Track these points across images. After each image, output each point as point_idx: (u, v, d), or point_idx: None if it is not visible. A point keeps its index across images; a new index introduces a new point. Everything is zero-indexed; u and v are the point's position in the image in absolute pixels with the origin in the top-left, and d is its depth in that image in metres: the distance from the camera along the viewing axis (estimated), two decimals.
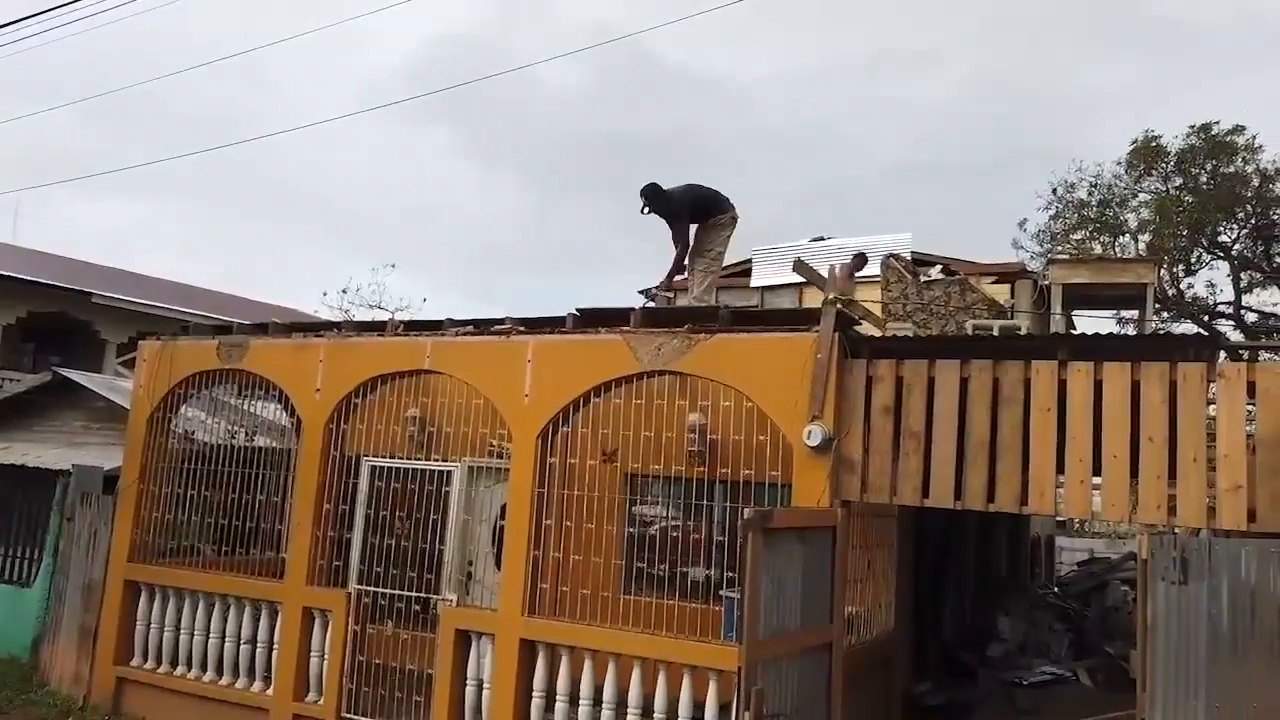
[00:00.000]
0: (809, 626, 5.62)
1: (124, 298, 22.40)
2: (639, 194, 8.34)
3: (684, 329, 6.71)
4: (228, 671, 8.17)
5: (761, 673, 4.94)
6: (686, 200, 8.44)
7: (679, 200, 8.40)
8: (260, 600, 8.10)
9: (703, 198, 8.55)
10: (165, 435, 9.03)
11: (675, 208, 8.36)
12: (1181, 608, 4.87)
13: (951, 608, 11.35)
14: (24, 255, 24.23)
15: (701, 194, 8.56)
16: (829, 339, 6.22)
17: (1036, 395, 5.82)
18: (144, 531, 8.85)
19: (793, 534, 5.50)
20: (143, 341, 9.48)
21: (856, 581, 6.80)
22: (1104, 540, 23.25)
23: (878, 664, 7.42)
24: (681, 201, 8.40)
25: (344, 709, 7.46)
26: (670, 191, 8.42)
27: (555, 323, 7.33)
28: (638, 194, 8.33)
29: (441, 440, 7.75)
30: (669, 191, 8.41)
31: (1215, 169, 25.72)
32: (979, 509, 5.97)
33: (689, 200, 8.46)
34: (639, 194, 8.34)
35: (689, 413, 7.13)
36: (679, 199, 8.40)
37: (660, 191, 8.36)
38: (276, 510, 8.34)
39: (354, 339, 8.23)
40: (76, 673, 8.99)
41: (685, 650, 6.27)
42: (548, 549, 6.96)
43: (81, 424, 12.33)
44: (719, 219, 8.62)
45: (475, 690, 6.95)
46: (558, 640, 6.71)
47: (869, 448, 6.22)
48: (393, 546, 7.50)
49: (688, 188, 8.56)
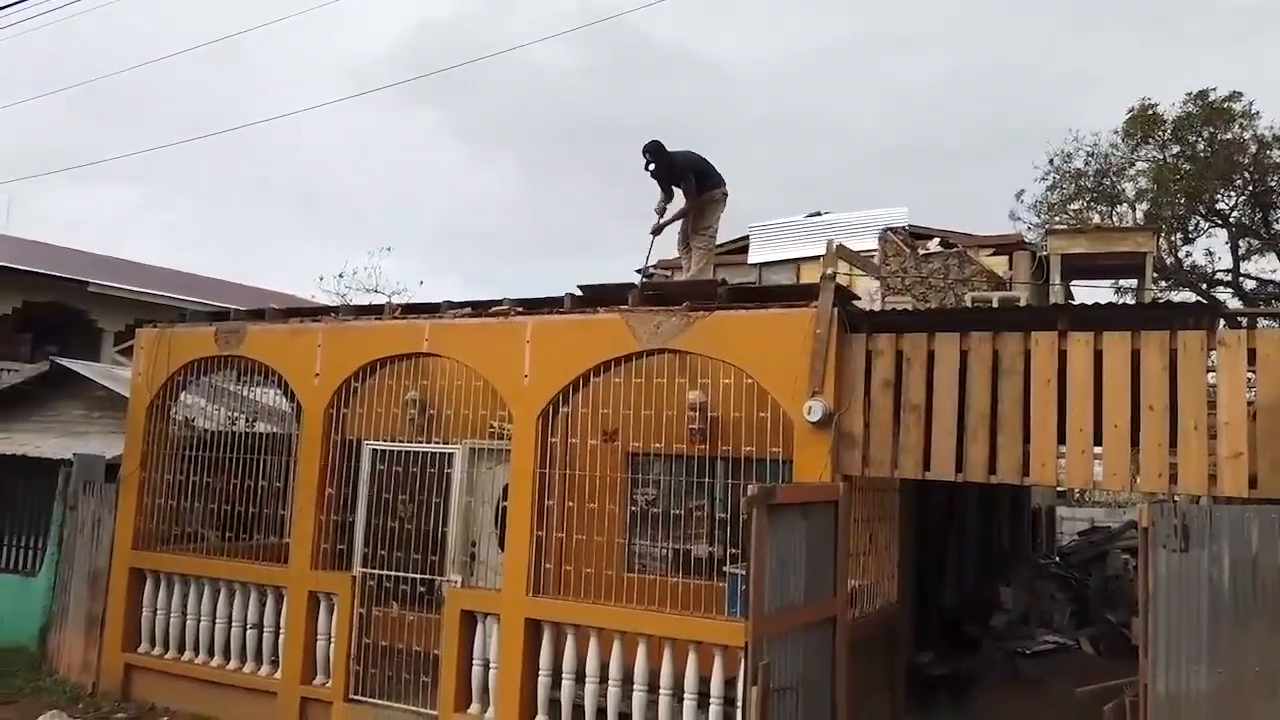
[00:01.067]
0: (813, 601, 5.65)
1: (120, 286, 22.30)
2: (642, 151, 8.41)
3: (682, 307, 6.70)
4: (235, 656, 8.22)
5: (767, 647, 4.96)
6: (689, 164, 8.51)
7: (683, 161, 8.49)
8: (265, 585, 8.14)
9: (703, 169, 8.60)
10: (165, 423, 9.03)
11: (680, 167, 8.45)
12: (1183, 575, 4.89)
13: (954, 579, 11.41)
14: (18, 245, 24.12)
15: (702, 165, 8.60)
16: (828, 314, 6.21)
17: (1036, 366, 5.82)
18: (147, 519, 8.87)
19: (795, 509, 5.51)
20: (140, 329, 9.46)
21: (859, 555, 6.83)
22: (1104, 509, 23.34)
23: (881, 636, 7.46)
24: (686, 163, 8.49)
25: (351, 691, 7.51)
26: (675, 154, 8.49)
27: (553, 303, 7.31)
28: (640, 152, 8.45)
29: (442, 423, 7.75)
30: (673, 154, 8.49)
31: (1212, 136, 25.59)
32: (980, 481, 5.99)
33: (691, 165, 8.52)
34: (642, 151, 8.41)
35: (689, 390, 7.12)
36: (682, 160, 8.49)
37: (663, 149, 8.43)
38: (279, 495, 8.35)
39: (351, 323, 8.21)
40: (84, 660, 9.04)
41: (690, 626, 6.30)
42: (550, 529, 6.98)
43: (81, 413, 12.33)
44: (714, 194, 8.63)
45: (482, 670, 7.00)
46: (562, 619, 6.75)
47: (870, 422, 6.22)
48: (396, 529, 7.52)
49: (690, 153, 8.62)
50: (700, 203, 8.55)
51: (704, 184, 8.57)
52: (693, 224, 8.60)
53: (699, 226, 8.60)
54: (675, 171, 8.45)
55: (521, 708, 6.73)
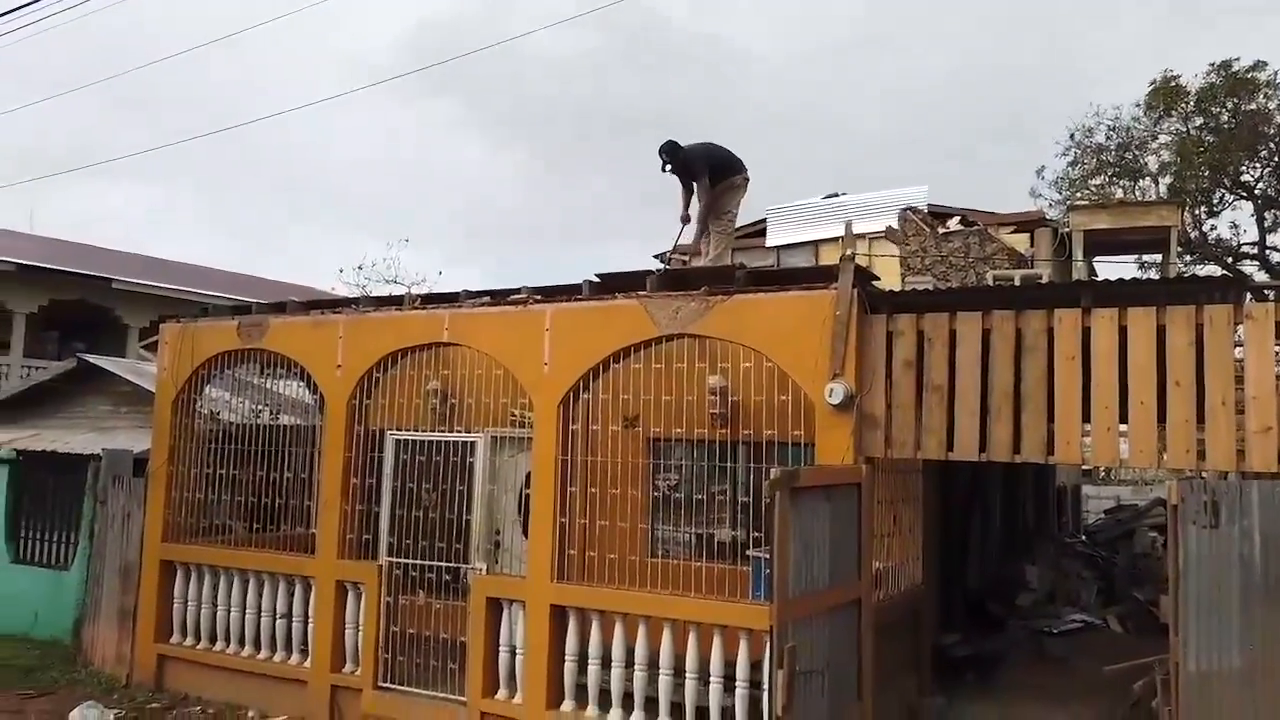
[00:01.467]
0: (837, 583, 5.64)
1: (143, 282, 22.54)
2: (658, 152, 8.33)
3: (701, 291, 6.68)
4: (265, 645, 8.32)
5: (792, 630, 4.96)
6: (705, 158, 8.42)
7: (698, 157, 8.40)
8: (294, 575, 8.22)
9: (720, 157, 8.53)
10: (191, 417, 9.12)
11: (695, 165, 8.35)
12: (1213, 551, 4.84)
13: (979, 559, 11.36)
14: (42, 244, 24.39)
15: (718, 153, 8.54)
16: (848, 295, 6.17)
17: (1060, 344, 5.76)
18: (176, 512, 8.98)
19: (819, 492, 5.49)
20: (164, 324, 9.54)
21: (883, 537, 6.80)
22: (1131, 487, 23.16)
23: (907, 618, 7.45)
24: (701, 159, 8.40)
25: (381, 678, 7.59)
26: (688, 149, 8.41)
27: (571, 290, 7.31)
28: (656, 153, 8.33)
29: (464, 411, 7.79)
30: (687, 149, 8.39)
31: (1236, 107, 25.18)
32: (1004, 460, 5.95)
33: (708, 158, 8.44)
34: (658, 152, 8.33)
35: (709, 375, 7.11)
36: (698, 156, 8.40)
37: (678, 149, 8.34)
38: (305, 486, 8.42)
39: (372, 314, 8.24)
40: (118, 652, 9.18)
41: (715, 610, 6.32)
42: (573, 515, 7.00)
43: (108, 408, 12.48)
44: (733, 180, 8.58)
45: (509, 656, 7.04)
46: (587, 605, 6.78)
47: (892, 403, 6.19)
48: (421, 518, 7.57)
49: (705, 146, 8.54)
50: (719, 190, 8.50)
51: (722, 173, 8.52)
52: (712, 210, 8.56)
53: (718, 211, 8.56)
54: (691, 167, 8.40)
55: (548, 693, 6.77)
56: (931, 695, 7.73)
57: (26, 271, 20.34)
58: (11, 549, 10.88)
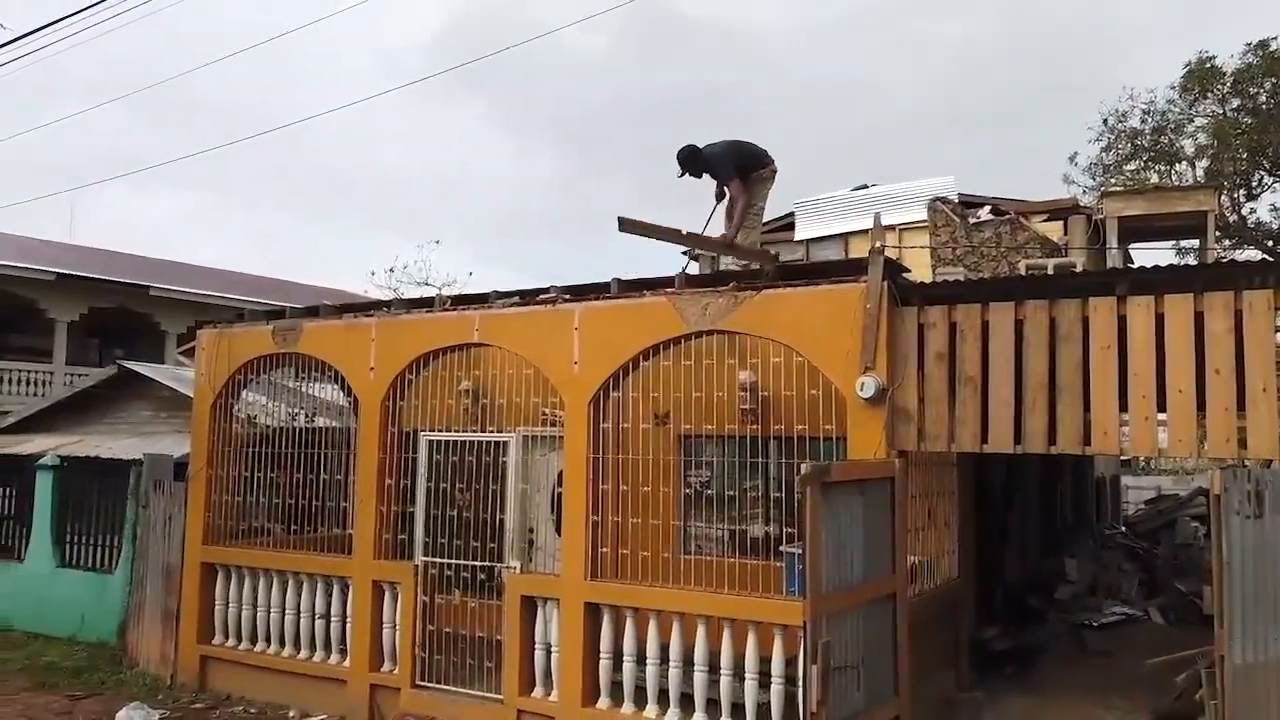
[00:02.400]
0: (872, 578, 5.61)
1: (180, 289, 22.94)
2: (675, 159, 8.27)
3: (729, 287, 6.67)
4: (305, 646, 8.43)
5: (826, 626, 4.95)
6: (731, 155, 8.37)
7: (723, 156, 8.33)
8: (331, 575, 8.32)
9: (745, 153, 8.45)
10: (229, 421, 9.25)
11: (721, 169, 8.30)
12: (1258, 541, 4.75)
13: (1016, 552, 11.24)
14: (82, 253, 24.87)
15: (744, 149, 8.46)
16: (878, 288, 6.13)
17: (1096, 333, 5.68)
18: (216, 514, 9.12)
19: (851, 487, 5.47)
20: (201, 330, 9.68)
21: (918, 531, 6.75)
22: (1171, 477, 22.78)
23: (943, 612, 7.39)
24: (726, 157, 8.33)
25: (419, 677, 7.66)
26: (710, 149, 8.33)
27: (600, 289, 7.32)
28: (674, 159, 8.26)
29: (495, 411, 7.84)
30: (709, 150, 8.32)
31: (1275, 87, 24.64)
32: (1040, 452, 5.88)
33: (733, 155, 8.39)
34: (675, 159, 8.27)
35: (739, 371, 7.10)
36: (723, 155, 8.33)
37: (697, 152, 8.26)
38: (340, 488, 8.52)
39: (403, 316, 8.32)
40: (163, 653, 9.35)
41: (748, 606, 6.31)
42: (606, 513, 7.02)
43: (149, 414, 12.72)
44: (760, 173, 8.53)
45: (544, 654, 7.08)
46: (621, 602, 6.79)
47: (924, 396, 6.14)
48: (455, 518, 7.63)
49: (729, 144, 8.47)
50: (749, 183, 8.46)
51: (750, 167, 8.47)
52: (739, 204, 8.51)
53: (746, 205, 8.51)
54: (717, 171, 8.35)
55: (584, 690, 6.80)
56: (970, 689, 7.67)
57: (66, 280, 20.78)
58: (58, 553, 11.12)
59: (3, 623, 11.16)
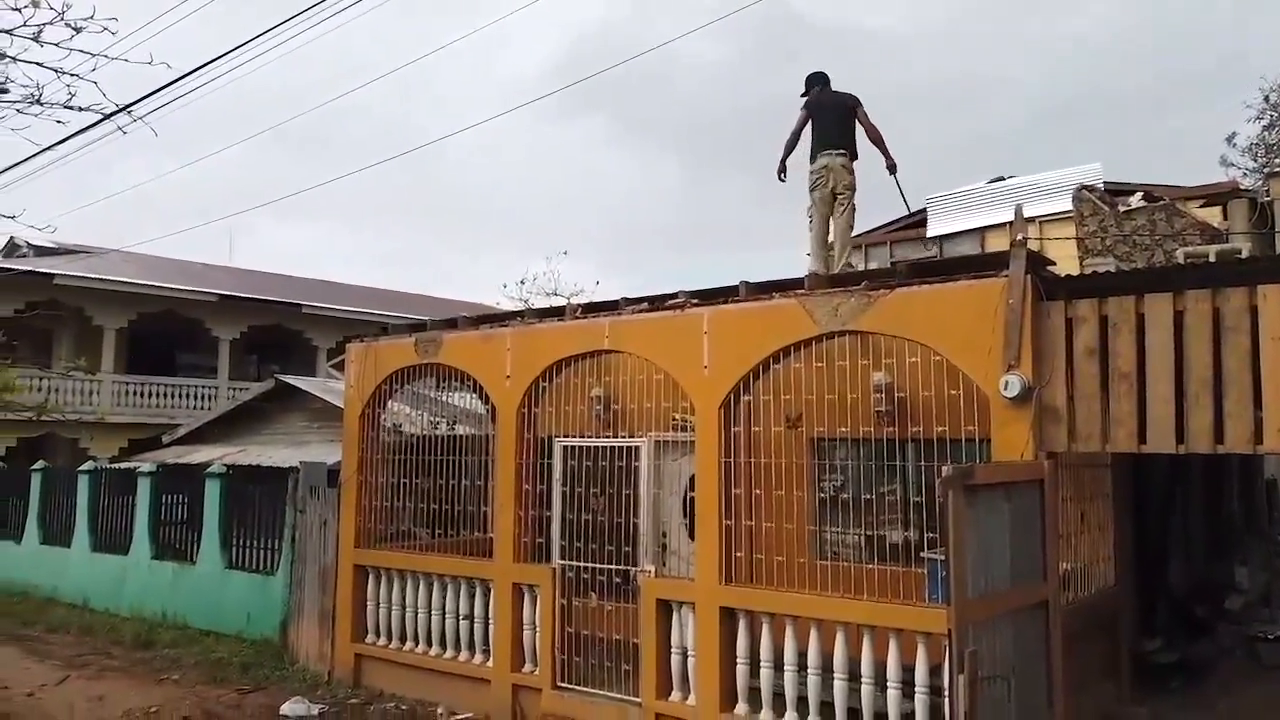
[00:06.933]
0: (1020, 585, 5.36)
1: (330, 306, 24.30)
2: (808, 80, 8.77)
3: (861, 286, 6.52)
4: (450, 645, 8.73)
5: (973, 634, 4.76)
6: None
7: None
8: (474, 578, 8.60)
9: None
10: (377, 429, 9.70)
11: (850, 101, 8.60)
12: None
13: (1180, 559, 10.51)
14: (241, 275, 26.68)
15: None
16: (1020, 282, 5.87)
17: (1266, 323, 5.26)
18: (366, 519, 9.57)
19: (997, 490, 5.24)
20: (349, 344, 10.19)
21: (1070, 536, 6.42)
22: None
23: (1101, 621, 6.99)
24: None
25: (559, 678, 7.81)
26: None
27: (728, 292, 7.29)
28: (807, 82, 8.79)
29: (626, 416, 7.93)
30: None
31: None
32: (1205, 452, 5.48)
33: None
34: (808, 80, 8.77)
35: (873, 372, 6.92)
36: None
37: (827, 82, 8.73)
38: (480, 493, 8.79)
39: (536, 326, 8.52)
40: (320, 651, 9.88)
41: (889, 613, 6.14)
42: (739, 517, 6.98)
43: (303, 424, 13.50)
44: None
45: (680, 658, 7.10)
46: (756, 607, 6.74)
47: (1074, 394, 5.83)
48: (589, 522, 7.75)
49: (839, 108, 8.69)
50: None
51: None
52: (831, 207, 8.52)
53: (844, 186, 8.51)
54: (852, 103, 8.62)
55: (721, 695, 6.78)
56: (1132, 704, 7.22)
57: (228, 301, 22.33)
58: (225, 555, 11.91)
59: (181, 620, 12.05)
